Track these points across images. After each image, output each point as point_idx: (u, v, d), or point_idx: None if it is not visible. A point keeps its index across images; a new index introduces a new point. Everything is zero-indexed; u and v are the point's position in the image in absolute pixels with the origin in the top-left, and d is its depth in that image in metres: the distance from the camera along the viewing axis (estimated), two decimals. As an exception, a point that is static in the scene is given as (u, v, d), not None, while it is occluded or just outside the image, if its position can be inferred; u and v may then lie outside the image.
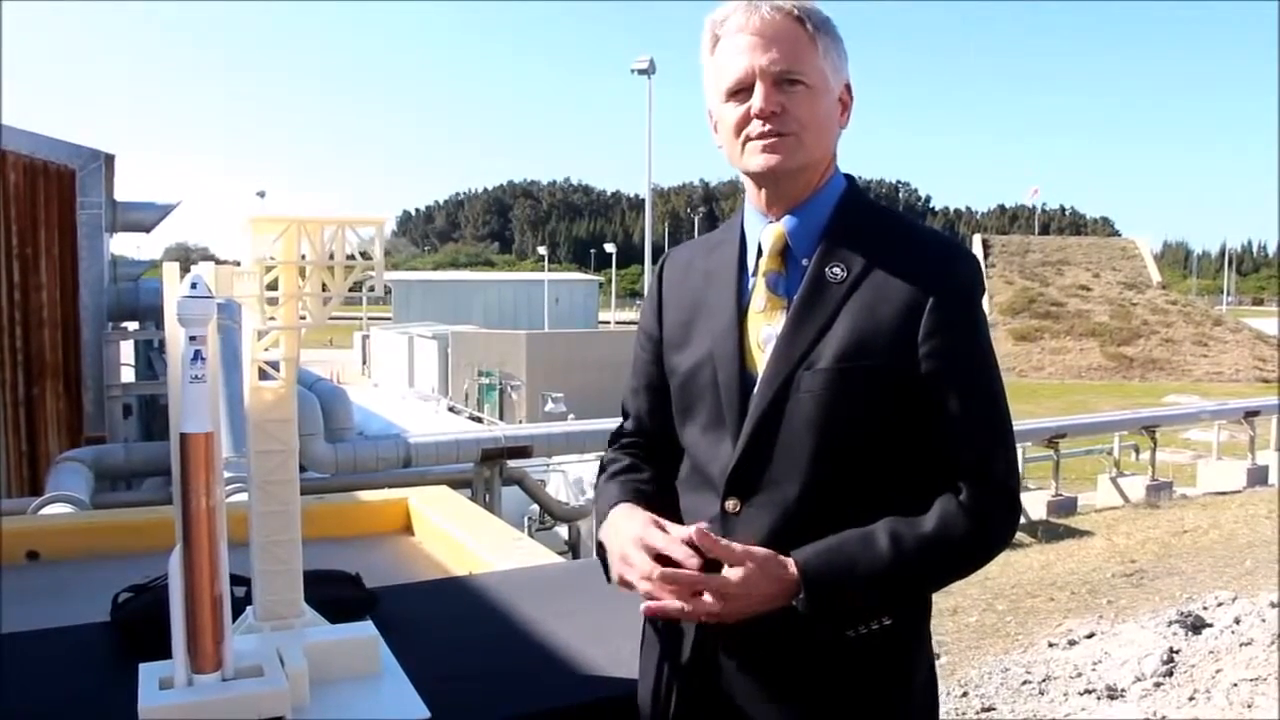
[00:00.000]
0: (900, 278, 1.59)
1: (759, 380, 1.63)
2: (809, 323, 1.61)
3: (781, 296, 1.66)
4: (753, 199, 1.73)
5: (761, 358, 1.64)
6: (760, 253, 1.70)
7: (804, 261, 1.66)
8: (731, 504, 1.63)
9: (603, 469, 1.90)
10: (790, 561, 1.55)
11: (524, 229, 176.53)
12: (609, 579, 1.71)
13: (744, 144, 1.64)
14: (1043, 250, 59.32)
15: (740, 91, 1.63)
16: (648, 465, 1.83)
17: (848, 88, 1.70)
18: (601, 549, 1.73)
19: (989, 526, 1.59)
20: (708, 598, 1.53)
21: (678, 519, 1.69)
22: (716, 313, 1.71)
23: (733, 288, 1.71)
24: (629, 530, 1.64)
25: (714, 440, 1.67)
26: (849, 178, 1.74)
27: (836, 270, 1.62)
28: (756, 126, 1.62)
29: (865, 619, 1.58)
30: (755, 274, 1.70)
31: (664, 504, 1.74)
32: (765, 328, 1.65)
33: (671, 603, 1.55)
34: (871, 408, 1.58)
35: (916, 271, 1.59)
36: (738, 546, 1.55)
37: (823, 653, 1.59)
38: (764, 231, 1.70)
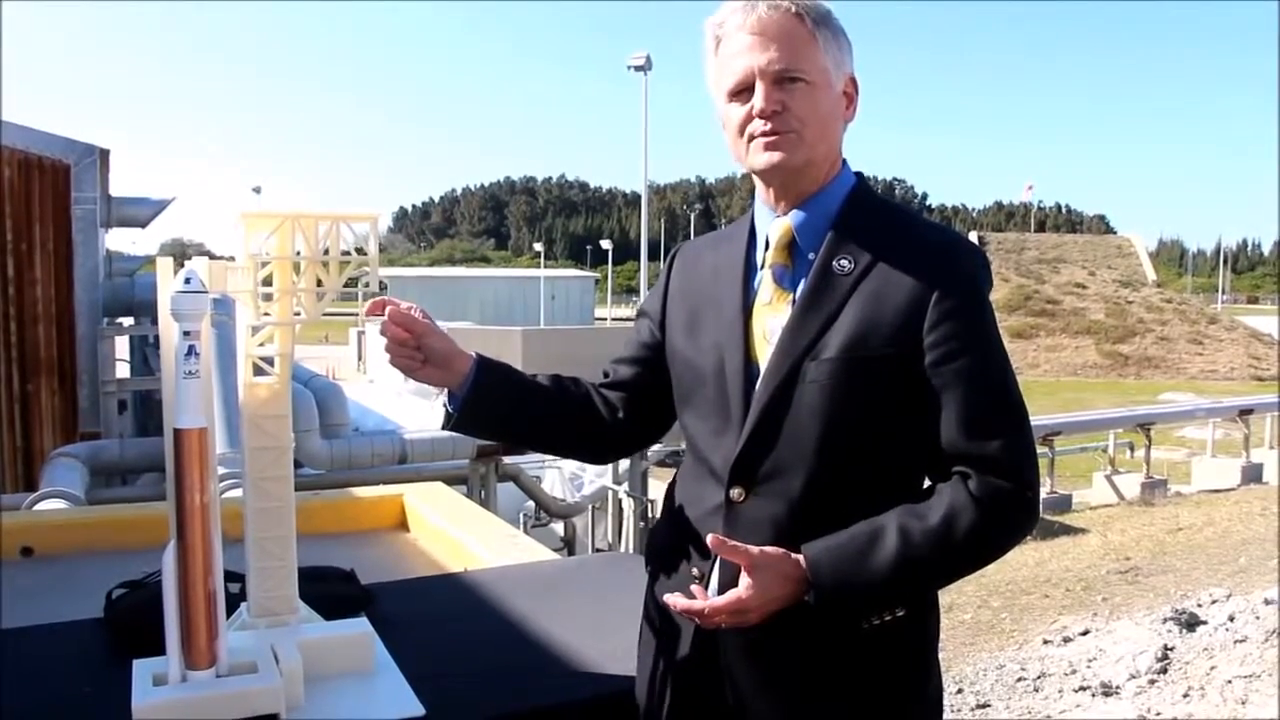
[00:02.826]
0: (907, 269, 1.58)
1: (764, 370, 1.63)
2: (815, 313, 1.60)
3: (787, 289, 1.66)
4: (762, 195, 1.73)
5: (766, 349, 1.64)
6: (768, 246, 1.70)
7: (810, 255, 1.66)
8: (736, 492, 1.63)
9: None
10: (800, 558, 1.55)
11: (520, 225, 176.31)
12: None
13: (748, 143, 1.65)
14: (1038, 248, 59.42)
15: (742, 92, 1.63)
16: (589, 388, 1.92)
17: (852, 80, 1.69)
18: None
19: (1001, 516, 1.56)
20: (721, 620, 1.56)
21: (563, 417, 1.88)
22: (723, 305, 1.72)
23: (739, 281, 1.72)
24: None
25: (717, 429, 1.67)
26: (859, 174, 1.74)
27: (844, 262, 1.62)
28: (758, 125, 1.62)
29: (879, 610, 1.58)
30: (762, 267, 1.70)
31: (561, 406, 1.88)
32: (771, 319, 1.65)
33: (695, 603, 1.58)
34: (877, 397, 1.57)
35: (923, 263, 1.59)
36: (754, 549, 1.55)
37: (830, 644, 1.59)
38: (771, 226, 1.70)
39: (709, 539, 1.56)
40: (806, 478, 1.59)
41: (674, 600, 1.60)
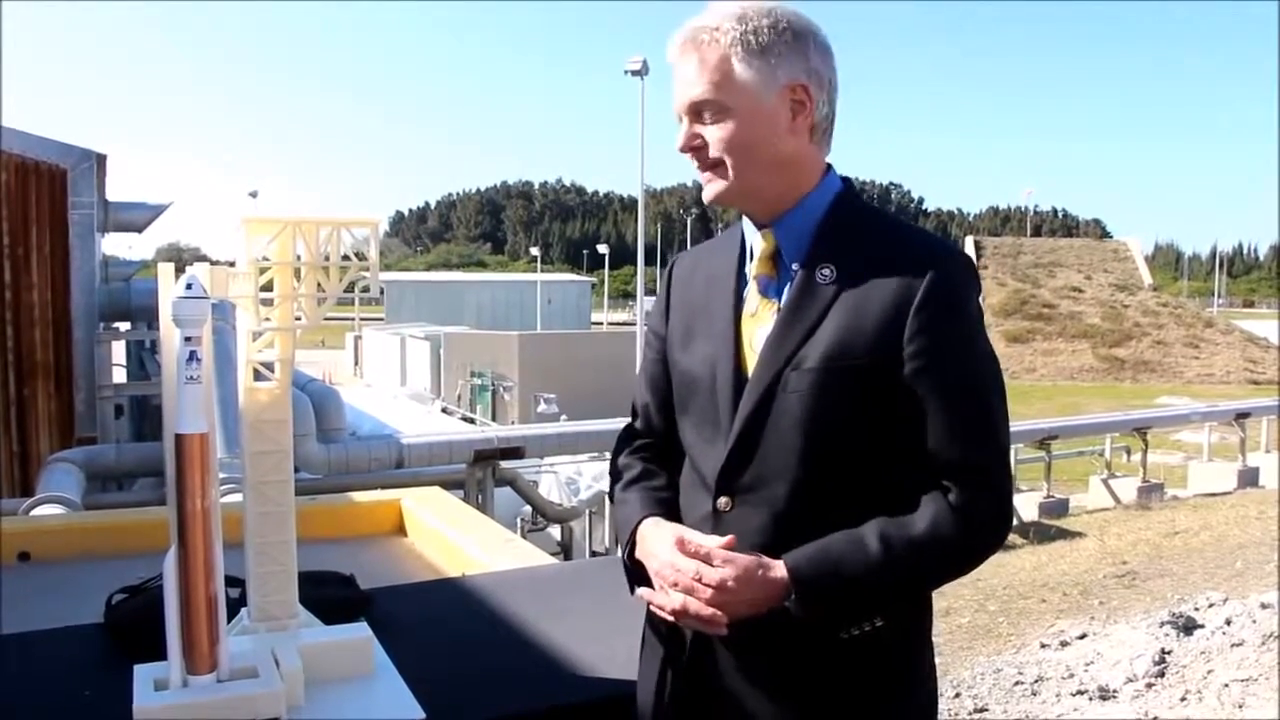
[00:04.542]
0: (888, 278, 1.58)
1: (748, 381, 1.63)
2: (797, 324, 1.61)
3: (773, 299, 1.67)
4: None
5: (753, 360, 1.64)
6: (753, 257, 1.71)
7: (794, 266, 1.66)
8: (723, 502, 1.64)
9: (618, 474, 1.89)
10: (779, 564, 1.55)
11: (517, 230, 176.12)
12: (632, 592, 1.73)
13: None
14: (1035, 252, 59.47)
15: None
16: (662, 469, 1.83)
17: (800, 87, 1.62)
18: (637, 566, 1.72)
19: (979, 526, 1.58)
20: (694, 605, 1.54)
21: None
22: (714, 315, 1.72)
23: (730, 291, 1.72)
24: (663, 551, 1.63)
25: (708, 439, 1.68)
26: (846, 180, 1.73)
27: (825, 272, 1.62)
28: (690, 159, 1.66)
29: (857, 620, 1.58)
30: (750, 278, 1.71)
31: (679, 507, 1.76)
32: (759, 330, 1.66)
33: (670, 600, 1.57)
34: (858, 407, 1.57)
35: (905, 271, 1.58)
36: (718, 552, 1.55)
37: (817, 653, 1.59)
38: (756, 236, 1.71)
39: (673, 540, 1.59)
40: (791, 487, 1.59)
41: (648, 594, 1.63)
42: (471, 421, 21.13)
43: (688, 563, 1.56)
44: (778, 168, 1.65)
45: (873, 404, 1.57)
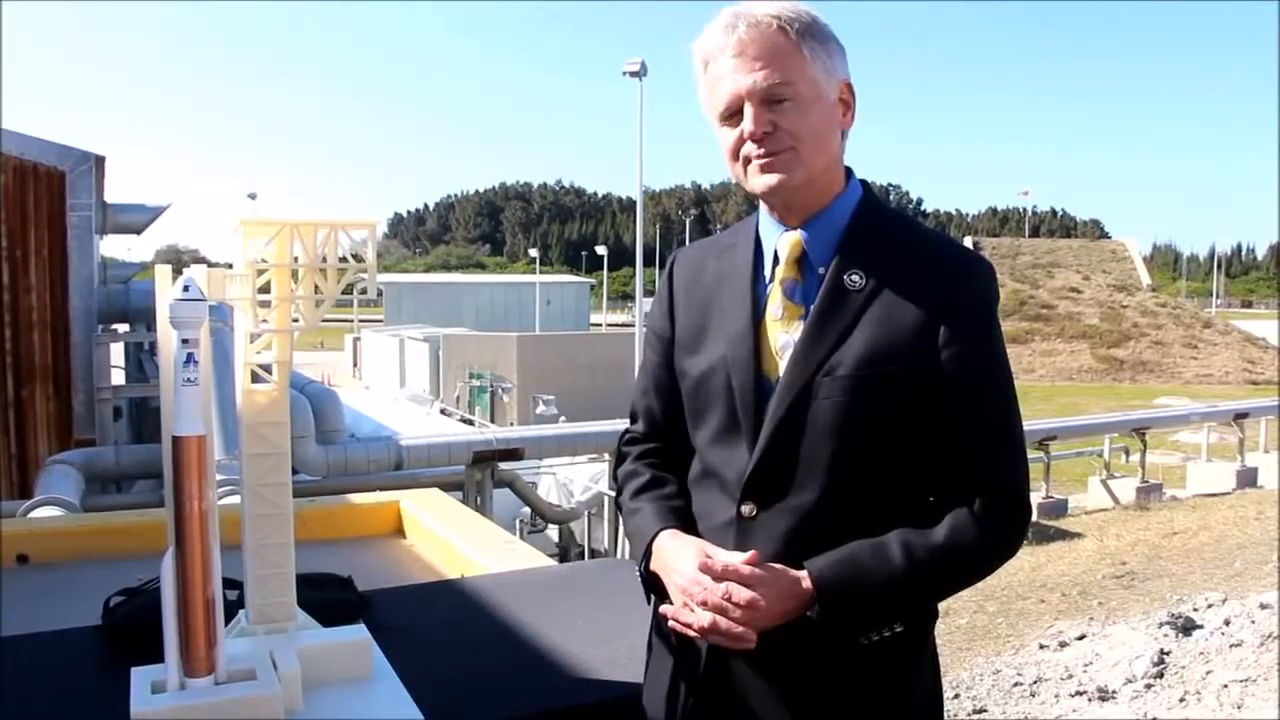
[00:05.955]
0: (919, 286, 1.58)
1: (777, 386, 1.61)
2: (828, 330, 1.59)
3: (799, 304, 1.65)
4: (767, 209, 1.71)
5: (779, 364, 1.63)
6: (776, 260, 1.68)
7: (821, 269, 1.64)
8: (748, 508, 1.62)
9: (625, 481, 1.86)
10: (803, 574, 1.54)
11: (515, 231, 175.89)
12: (653, 606, 1.72)
13: (745, 166, 1.63)
14: (1033, 252, 59.64)
15: (733, 115, 1.61)
16: (670, 474, 1.80)
17: (848, 86, 1.66)
18: (652, 579, 1.70)
19: (1000, 535, 1.60)
20: (724, 624, 1.53)
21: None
22: (731, 317, 1.69)
23: (747, 292, 1.69)
24: (686, 567, 1.60)
25: (728, 444, 1.66)
26: (864, 184, 1.72)
27: (855, 278, 1.61)
28: (752, 148, 1.60)
29: (878, 626, 1.58)
30: (771, 281, 1.68)
31: (691, 515, 1.73)
32: (783, 335, 1.64)
33: (697, 618, 1.55)
34: (890, 415, 1.57)
35: (935, 280, 1.59)
36: (745, 569, 1.54)
37: (834, 659, 1.59)
38: (780, 239, 1.68)
39: (698, 561, 1.56)
40: (819, 494, 1.58)
41: (671, 612, 1.59)
42: (470, 423, 21.13)
43: (716, 581, 1.55)
44: (830, 164, 1.66)
45: (904, 411, 1.57)
